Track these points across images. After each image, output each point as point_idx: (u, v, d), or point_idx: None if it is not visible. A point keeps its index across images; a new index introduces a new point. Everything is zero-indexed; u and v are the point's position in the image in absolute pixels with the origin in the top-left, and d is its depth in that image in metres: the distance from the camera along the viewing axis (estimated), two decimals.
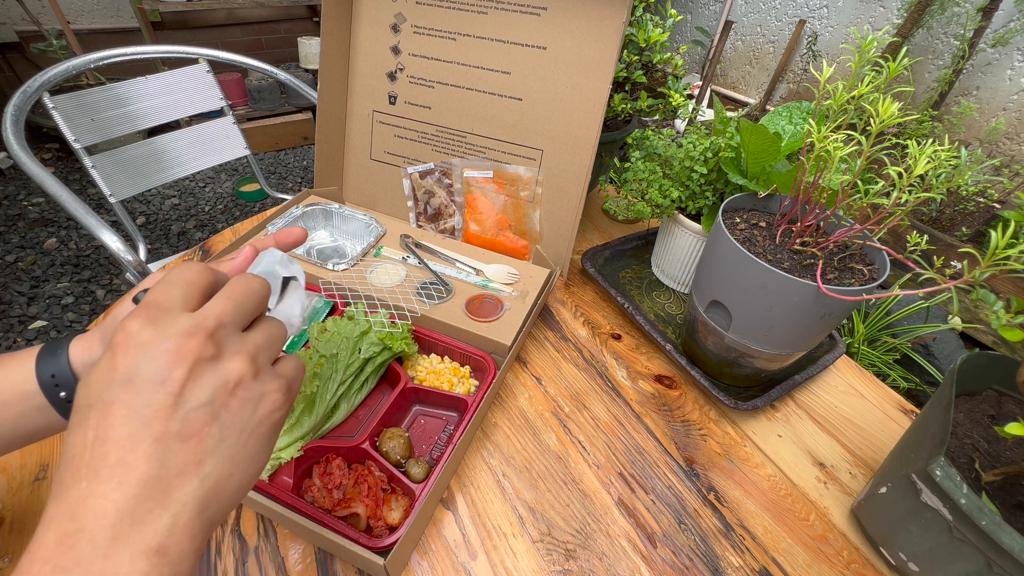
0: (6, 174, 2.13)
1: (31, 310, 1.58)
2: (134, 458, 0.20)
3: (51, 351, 0.31)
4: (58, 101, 0.92)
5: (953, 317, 1.36)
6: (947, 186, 0.41)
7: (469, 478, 0.50)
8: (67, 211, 0.85)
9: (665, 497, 0.50)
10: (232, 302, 0.25)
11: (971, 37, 2.02)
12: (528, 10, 0.62)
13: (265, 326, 0.27)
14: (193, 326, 0.23)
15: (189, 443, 0.22)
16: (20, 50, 2.24)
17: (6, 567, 0.40)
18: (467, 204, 0.73)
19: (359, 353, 0.51)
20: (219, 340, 0.24)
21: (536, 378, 0.61)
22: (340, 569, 0.43)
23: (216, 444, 0.22)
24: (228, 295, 0.25)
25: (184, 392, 0.22)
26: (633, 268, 0.78)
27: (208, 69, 1.12)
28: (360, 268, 0.65)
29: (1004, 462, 0.41)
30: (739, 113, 2.93)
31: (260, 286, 0.27)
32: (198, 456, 0.22)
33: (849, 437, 0.58)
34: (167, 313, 0.23)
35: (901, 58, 0.41)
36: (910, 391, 1.24)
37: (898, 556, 0.44)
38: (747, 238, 0.52)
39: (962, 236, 1.86)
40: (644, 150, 0.68)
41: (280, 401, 0.25)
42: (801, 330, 0.50)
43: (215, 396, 0.23)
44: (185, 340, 0.22)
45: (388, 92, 0.73)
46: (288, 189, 2.33)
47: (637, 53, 0.72)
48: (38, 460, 0.48)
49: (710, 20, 3.20)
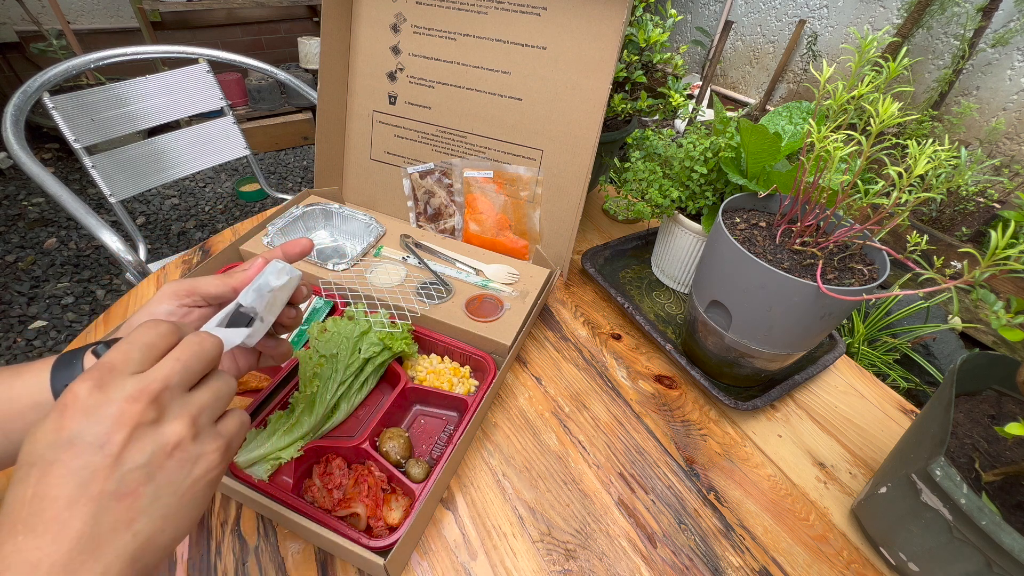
0: (6, 174, 2.13)
1: (31, 310, 1.58)
2: (69, 515, 0.22)
3: (66, 363, 0.32)
4: (58, 101, 0.92)
5: (953, 317, 1.36)
6: (947, 186, 0.41)
7: (469, 478, 0.50)
8: (67, 211, 0.85)
9: (665, 497, 0.50)
10: (180, 364, 0.26)
11: (971, 37, 2.02)
12: (528, 10, 0.62)
13: (213, 384, 0.28)
14: (138, 390, 0.24)
15: (123, 502, 0.23)
16: (20, 50, 2.24)
17: None
18: (467, 204, 0.73)
19: (359, 353, 0.51)
20: (162, 403, 0.25)
21: (536, 378, 0.61)
22: (340, 569, 0.43)
23: (150, 503, 0.24)
24: (177, 356, 0.26)
25: (122, 455, 0.23)
26: (633, 268, 0.78)
27: (208, 69, 1.12)
28: (360, 268, 0.65)
29: (1004, 462, 0.41)
30: (739, 113, 2.93)
31: (212, 346, 0.28)
32: (131, 514, 0.23)
33: (849, 437, 0.58)
34: (116, 376, 0.24)
35: (901, 58, 0.41)
36: (910, 391, 1.24)
37: (898, 556, 0.44)
38: (747, 238, 0.52)
39: (962, 236, 1.86)
40: (644, 150, 0.68)
41: (216, 461, 0.26)
42: (801, 330, 0.50)
43: (152, 459, 0.24)
44: (128, 405, 0.23)
45: (388, 92, 0.73)
46: (288, 189, 2.33)
47: (637, 53, 0.72)
48: None
49: (710, 20, 3.20)
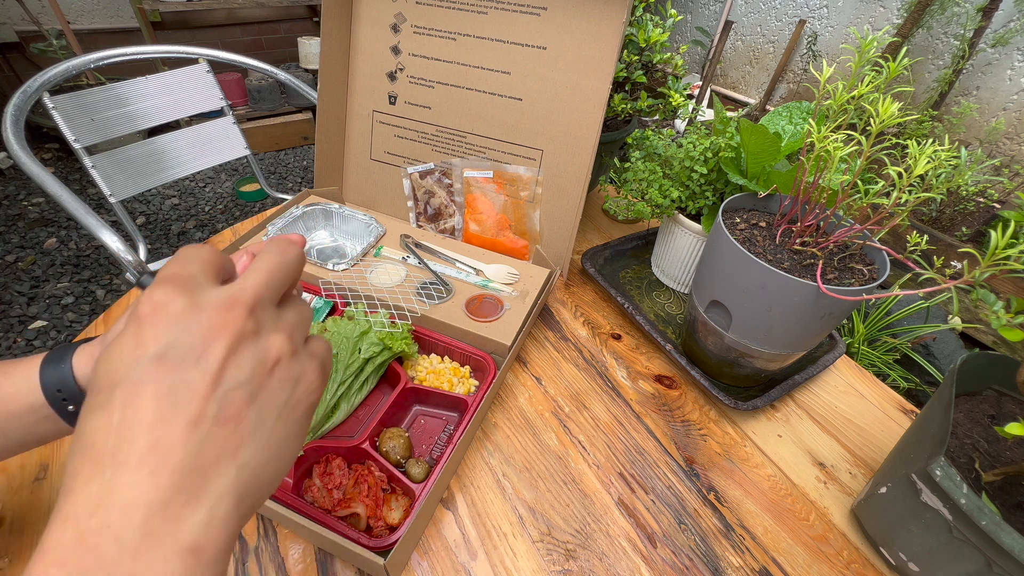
0: (6, 174, 2.13)
1: (31, 310, 1.58)
2: (168, 444, 0.18)
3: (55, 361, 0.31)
4: (58, 101, 0.92)
5: (953, 317, 1.36)
6: (947, 186, 0.41)
7: (469, 478, 0.50)
8: (67, 211, 0.85)
9: (665, 497, 0.50)
10: (267, 275, 0.22)
11: (971, 37, 2.02)
12: (528, 10, 0.62)
13: (296, 304, 0.25)
14: (230, 298, 0.21)
15: (227, 427, 0.19)
16: (20, 50, 2.24)
17: (6, 568, 0.40)
18: (467, 204, 0.73)
19: (359, 353, 0.51)
20: (258, 316, 0.21)
21: (536, 378, 0.61)
22: (340, 569, 0.43)
23: (254, 429, 0.20)
24: (263, 267, 0.23)
25: (223, 369, 0.19)
26: (633, 268, 0.78)
27: (208, 69, 1.12)
28: (360, 268, 0.65)
29: (1004, 462, 0.41)
30: (739, 113, 2.93)
31: (295, 258, 0.24)
32: (236, 442, 0.20)
33: (849, 437, 0.58)
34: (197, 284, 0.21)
35: (901, 58, 0.41)
36: (910, 391, 1.24)
37: (898, 556, 0.44)
38: (747, 238, 0.52)
39: (962, 236, 1.86)
40: (644, 150, 0.68)
41: (316, 383, 0.23)
42: (801, 330, 0.50)
43: (254, 376, 0.20)
44: (223, 312, 0.20)
45: (388, 92, 0.73)
46: (288, 189, 2.33)
47: (637, 53, 0.72)
48: (38, 460, 0.48)
49: (710, 20, 3.20)
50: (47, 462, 0.48)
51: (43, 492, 0.46)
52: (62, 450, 0.49)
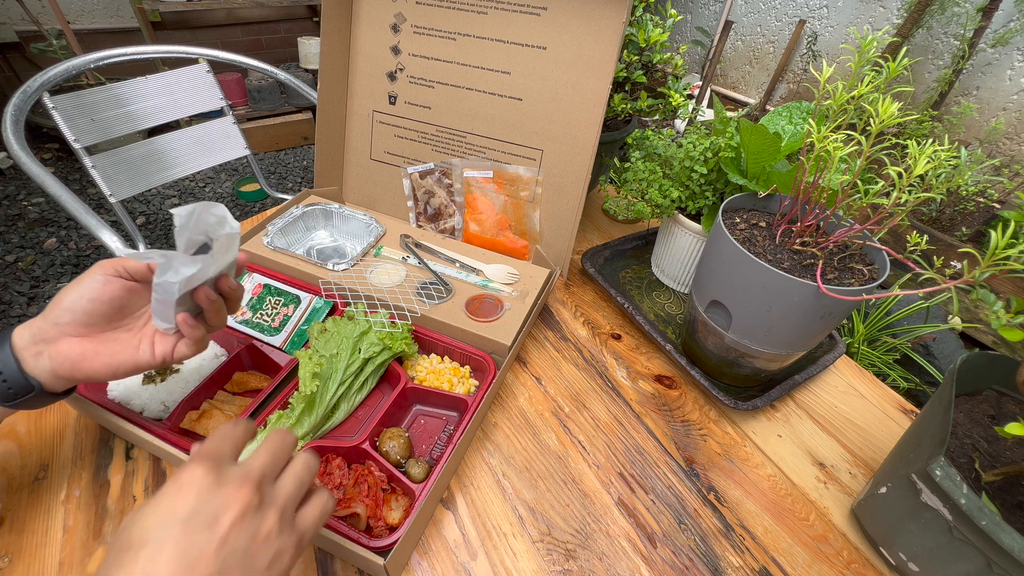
0: (6, 174, 2.13)
1: (31, 310, 1.58)
2: None
3: None
4: (58, 101, 0.92)
5: (953, 317, 1.36)
6: (947, 186, 0.41)
7: (469, 478, 0.50)
8: (67, 211, 0.85)
9: (665, 497, 0.50)
10: (271, 457, 0.29)
11: (971, 37, 2.02)
12: (528, 10, 0.62)
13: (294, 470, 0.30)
14: (243, 475, 0.27)
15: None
16: (20, 50, 2.24)
17: (6, 567, 0.40)
18: (467, 204, 0.73)
19: (359, 353, 0.51)
20: (262, 490, 0.28)
21: (536, 378, 0.61)
22: (340, 569, 0.43)
23: None
24: (268, 449, 0.30)
25: (228, 536, 0.25)
26: (633, 268, 0.78)
27: (208, 69, 1.12)
28: (360, 268, 0.65)
29: (1004, 462, 0.41)
30: (739, 113, 2.94)
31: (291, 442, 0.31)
32: None
33: (849, 437, 0.58)
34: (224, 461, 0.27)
35: (901, 58, 0.41)
36: (910, 391, 1.24)
37: (898, 556, 0.44)
38: (747, 238, 0.52)
39: (962, 236, 1.86)
40: (644, 150, 0.68)
41: (290, 559, 0.28)
42: (801, 330, 0.50)
43: (249, 544, 0.26)
44: (238, 488, 0.26)
45: (388, 92, 0.73)
46: (288, 189, 2.33)
47: (637, 53, 0.72)
48: (38, 460, 0.48)
49: (710, 20, 3.20)
50: (47, 462, 0.48)
51: (43, 492, 0.46)
52: (62, 450, 0.49)
